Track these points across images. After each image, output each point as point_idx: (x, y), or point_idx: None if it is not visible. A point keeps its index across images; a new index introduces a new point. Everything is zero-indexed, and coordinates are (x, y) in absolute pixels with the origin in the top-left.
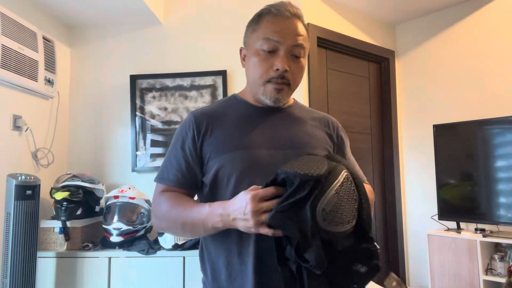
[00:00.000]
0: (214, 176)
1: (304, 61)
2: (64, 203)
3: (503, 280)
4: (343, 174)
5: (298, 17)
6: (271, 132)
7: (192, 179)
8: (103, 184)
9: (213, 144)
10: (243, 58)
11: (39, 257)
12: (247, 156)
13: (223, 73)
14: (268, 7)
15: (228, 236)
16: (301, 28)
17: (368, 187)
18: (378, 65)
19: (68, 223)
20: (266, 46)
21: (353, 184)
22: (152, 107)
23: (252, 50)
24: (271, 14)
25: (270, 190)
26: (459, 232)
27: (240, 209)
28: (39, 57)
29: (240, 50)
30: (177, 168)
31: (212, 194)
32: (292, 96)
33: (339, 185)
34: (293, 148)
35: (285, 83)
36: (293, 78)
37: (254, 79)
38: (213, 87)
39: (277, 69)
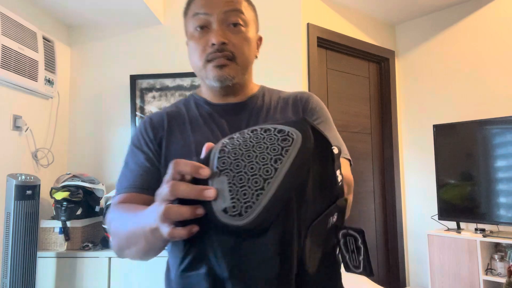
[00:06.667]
0: None
1: (248, 31)
2: (64, 203)
3: (503, 280)
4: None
5: None
6: (230, 133)
7: (157, 174)
8: (103, 184)
9: (168, 148)
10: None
11: (39, 257)
12: None
13: None
14: None
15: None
16: None
17: (344, 165)
18: (378, 65)
19: (68, 223)
20: (197, 22)
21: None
22: (152, 107)
23: (189, 36)
24: None
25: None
26: (459, 232)
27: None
28: (39, 57)
29: (187, 44)
30: (138, 169)
31: None
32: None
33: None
34: None
35: (228, 57)
36: (237, 50)
37: (195, 64)
38: None
39: (213, 44)
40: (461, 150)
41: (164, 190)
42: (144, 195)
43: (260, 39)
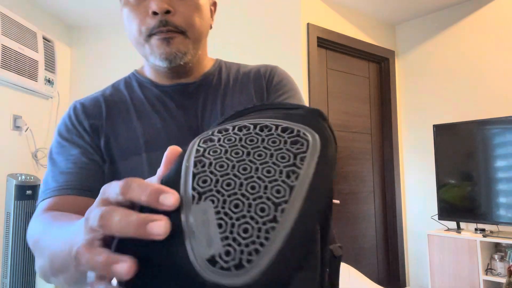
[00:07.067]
0: None
1: None
2: None
3: (503, 280)
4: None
5: None
6: (184, 121)
7: (99, 172)
8: None
9: (108, 143)
10: None
11: None
12: (154, 161)
13: None
14: None
15: None
16: None
17: None
18: (378, 65)
19: None
20: None
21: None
22: None
23: (123, 1)
24: None
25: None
26: (459, 232)
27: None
28: (39, 57)
29: (121, 11)
30: (72, 167)
31: None
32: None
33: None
34: None
35: (174, 30)
36: (186, 21)
37: (133, 38)
38: None
39: (154, 13)
40: (461, 150)
41: (92, 216)
42: (85, 198)
43: (214, 4)
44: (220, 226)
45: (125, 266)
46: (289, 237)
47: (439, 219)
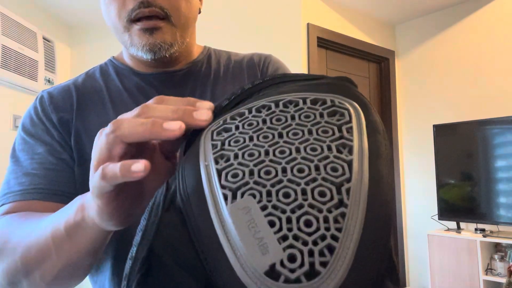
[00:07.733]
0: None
1: None
2: None
3: (503, 280)
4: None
5: None
6: None
7: (68, 173)
8: None
9: (79, 138)
10: None
11: None
12: None
13: None
14: None
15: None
16: None
17: None
18: (378, 65)
19: None
20: None
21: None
22: None
23: None
24: None
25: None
26: (459, 232)
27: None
28: (39, 57)
29: None
30: (38, 167)
31: None
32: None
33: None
34: None
35: (158, 16)
36: (171, 6)
37: (113, 24)
38: None
39: None
40: (461, 150)
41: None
42: (53, 203)
43: None
44: (272, 224)
45: (140, 164)
46: (368, 221)
47: (439, 219)
